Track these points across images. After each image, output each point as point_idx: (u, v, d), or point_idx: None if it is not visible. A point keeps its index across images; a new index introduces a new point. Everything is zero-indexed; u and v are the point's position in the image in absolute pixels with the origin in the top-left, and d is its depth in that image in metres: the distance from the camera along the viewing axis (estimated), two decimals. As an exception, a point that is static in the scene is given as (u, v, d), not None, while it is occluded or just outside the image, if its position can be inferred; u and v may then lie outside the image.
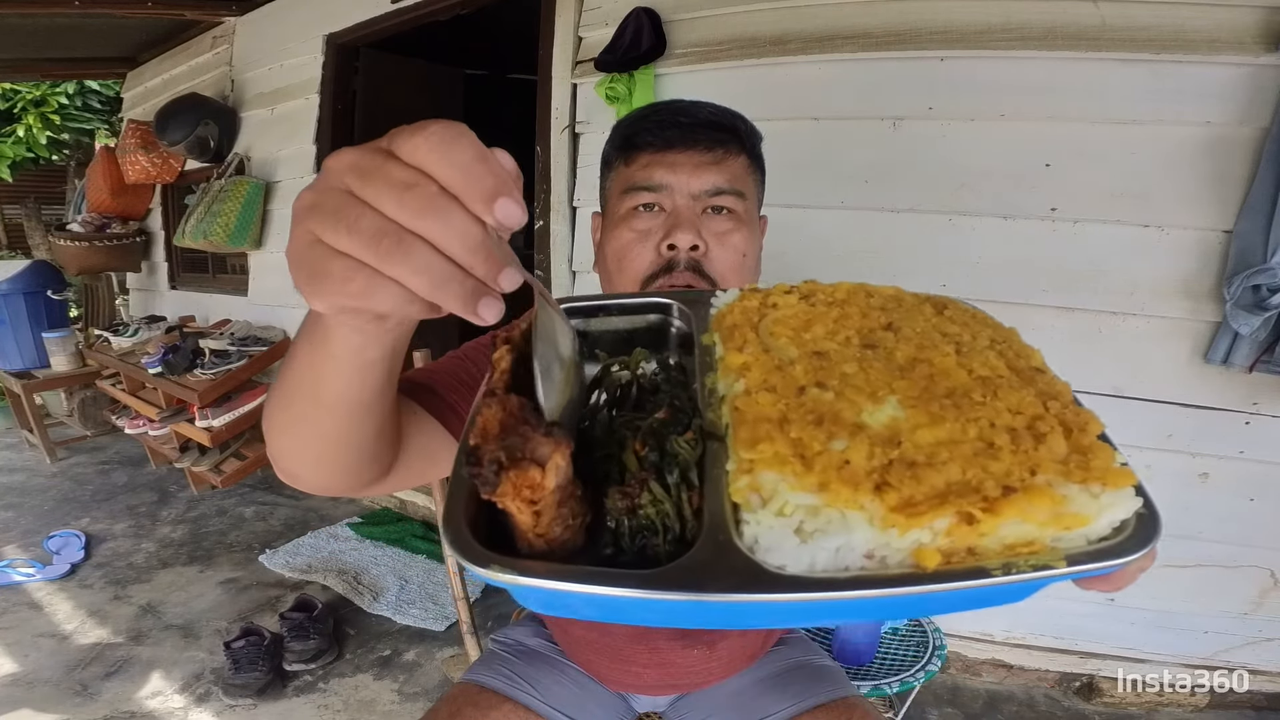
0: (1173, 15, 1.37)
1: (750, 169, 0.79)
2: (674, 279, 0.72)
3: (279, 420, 0.51)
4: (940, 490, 0.28)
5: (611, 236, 0.78)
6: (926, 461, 0.28)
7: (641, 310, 0.41)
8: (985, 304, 1.57)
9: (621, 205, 0.76)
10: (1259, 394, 1.45)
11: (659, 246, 0.73)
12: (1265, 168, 1.32)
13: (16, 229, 7.23)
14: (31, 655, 1.89)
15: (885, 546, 0.28)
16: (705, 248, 0.73)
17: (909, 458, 0.29)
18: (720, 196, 0.75)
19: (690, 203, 0.74)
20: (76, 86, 5.77)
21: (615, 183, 0.79)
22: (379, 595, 2.19)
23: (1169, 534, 1.26)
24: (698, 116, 0.76)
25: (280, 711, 1.70)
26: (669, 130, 0.74)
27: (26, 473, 3.31)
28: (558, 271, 2.13)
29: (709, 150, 0.75)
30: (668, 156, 0.74)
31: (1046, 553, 0.28)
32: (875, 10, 1.59)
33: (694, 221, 0.73)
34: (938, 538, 0.28)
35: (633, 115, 0.80)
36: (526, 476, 0.27)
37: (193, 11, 3.10)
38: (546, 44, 2.08)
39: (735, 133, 0.77)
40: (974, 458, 0.29)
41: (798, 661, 0.95)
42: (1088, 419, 0.34)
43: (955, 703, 1.73)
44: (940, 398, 0.31)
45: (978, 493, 0.28)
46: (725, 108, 0.80)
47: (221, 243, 2.88)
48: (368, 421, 0.48)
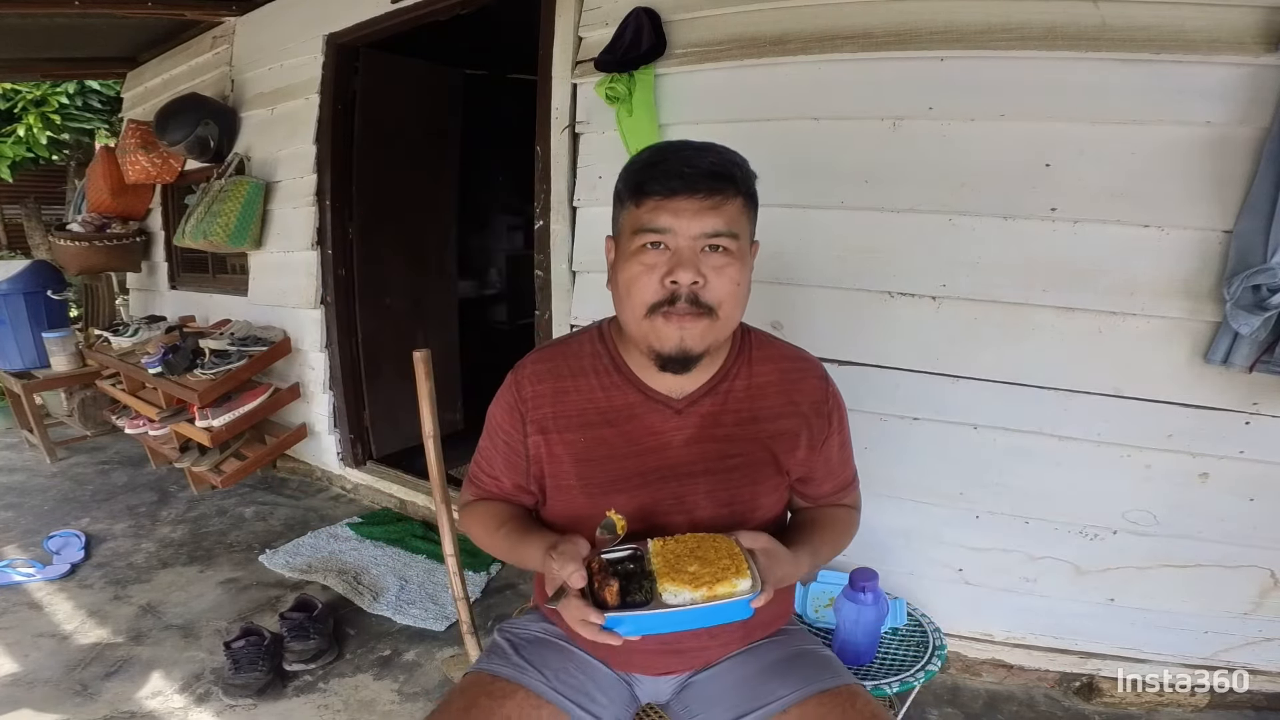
0: (1173, 15, 1.37)
1: (745, 209, 0.89)
2: (677, 309, 0.85)
3: (481, 543, 1.03)
4: (706, 581, 0.76)
5: (623, 267, 0.88)
6: (704, 577, 0.77)
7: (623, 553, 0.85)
8: (985, 304, 1.58)
9: (632, 242, 0.87)
10: (1259, 394, 1.45)
11: (664, 280, 0.85)
12: (1265, 168, 1.31)
13: (16, 229, 7.24)
14: (31, 655, 1.89)
15: (694, 596, 0.76)
16: (704, 281, 0.85)
17: (700, 576, 0.76)
18: (718, 238, 0.85)
19: (691, 243, 0.84)
20: (76, 86, 5.77)
21: (626, 220, 0.89)
22: (379, 595, 2.19)
23: (1170, 534, 1.26)
24: (700, 167, 0.84)
25: (280, 711, 1.70)
26: (674, 180, 0.84)
27: (26, 473, 3.32)
28: (557, 271, 2.13)
29: (709, 197, 0.84)
30: (673, 203, 0.84)
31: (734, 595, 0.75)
32: (875, 10, 1.59)
33: (694, 260, 0.84)
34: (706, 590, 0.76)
35: (643, 159, 0.88)
36: (610, 588, 0.77)
37: (193, 11, 3.10)
38: (546, 44, 2.08)
39: (733, 180, 0.86)
40: (715, 575, 0.76)
41: (799, 650, 0.99)
42: (740, 558, 0.79)
43: (955, 703, 1.73)
44: (707, 561, 0.79)
45: (716, 582, 0.75)
46: (726, 155, 0.88)
47: (221, 243, 2.88)
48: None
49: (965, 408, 1.65)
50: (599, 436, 0.94)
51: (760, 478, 0.95)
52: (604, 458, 0.94)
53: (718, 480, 0.94)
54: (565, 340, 1.03)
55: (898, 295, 1.66)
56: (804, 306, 1.76)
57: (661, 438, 0.94)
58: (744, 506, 0.95)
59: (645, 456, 0.94)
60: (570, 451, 0.94)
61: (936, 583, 1.76)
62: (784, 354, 1.02)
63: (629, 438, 0.94)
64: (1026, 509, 1.65)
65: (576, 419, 0.95)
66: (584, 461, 0.94)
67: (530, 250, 2.24)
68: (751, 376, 0.97)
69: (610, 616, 0.73)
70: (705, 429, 0.94)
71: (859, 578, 1.33)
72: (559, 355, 0.99)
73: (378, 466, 3.02)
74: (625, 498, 0.92)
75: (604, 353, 0.97)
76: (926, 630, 1.50)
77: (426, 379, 1.19)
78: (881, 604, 1.34)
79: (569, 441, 0.94)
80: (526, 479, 0.99)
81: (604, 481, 0.93)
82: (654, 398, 0.95)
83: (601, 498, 0.92)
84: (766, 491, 0.96)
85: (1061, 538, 1.65)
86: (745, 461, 0.95)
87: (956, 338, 1.62)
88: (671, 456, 0.94)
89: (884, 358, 1.70)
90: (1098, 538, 1.62)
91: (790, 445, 0.97)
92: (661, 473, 0.93)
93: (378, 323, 3.03)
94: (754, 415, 0.96)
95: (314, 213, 2.82)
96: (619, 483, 0.93)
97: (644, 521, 0.92)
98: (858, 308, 1.70)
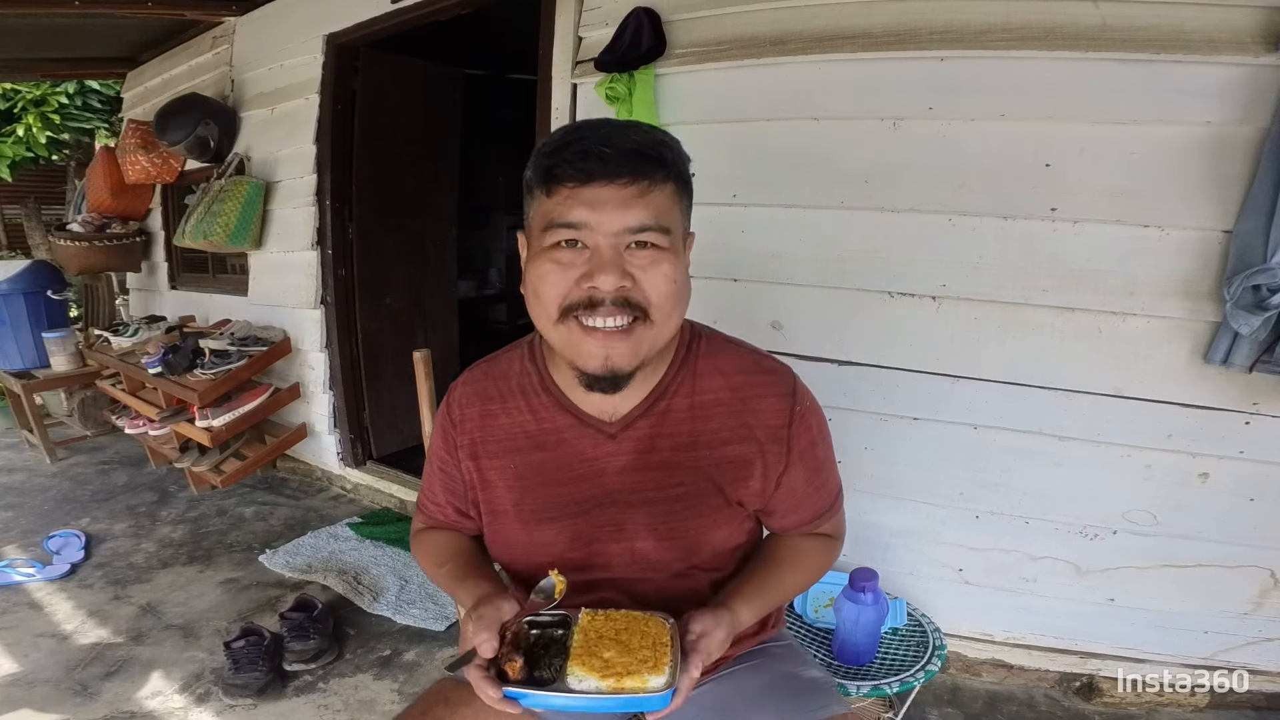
0: (1173, 15, 1.37)
1: (677, 196, 0.76)
2: (600, 315, 0.72)
3: (428, 575, 0.98)
4: (616, 672, 0.70)
5: (532, 266, 0.76)
6: (617, 667, 0.71)
7: (553, 618, 0.79)
8: (985, 304, 1.58)
9: (544, 239, 0.74)
10: (1259, 394, 1.45)
11: (580, 281, 0.72)
12: (1265, 168, 1.31)
13: (16, 229, 7.23)
14: (31, 655, 1.89)
15: (600, 685, 0.69)
16: (633, 282, 0.72)
17: (613, 665, 0.70)
18: (645, 233, 0.72)
19: (613, 241, 0.72)
20: (76, 86, 5.77)
21: (537, 213, 0.77)
22: (379, 595, 2.19)
23: (1170, 534, 1.26)
24: (621, 146, 0.71)
25: (280, 711, 1.70)
26: (590, 162, 0.70)
27: (26, 473, 3.32)
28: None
29: (633, 183, 0.71)
30: (588, 191, 0.71)
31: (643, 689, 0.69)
32: (875, 10, 1.59)
33: (616, 261, 0.72)
34: (613, 681, 0.70)
35: (555, 140, 0.75)
36: (512, 663, 0.71)
37: (193, 11, 3.10)
38: (546, 44, 2.08)
39: (661, 161, 0.73)
40: (628, 667, 0.70)
41: (784, 674, 0.92)
42: (664, 649, 0.72)
43: (955, 703, 1.73)
44: (627, 649, 0.73)
45: (627, 674, 0.69)
46: (653, 132, 0.76)
47: (221, 243, 2.88)
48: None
49: (965, 408, 1.65)
50: (529, 462, 0.86)
51: (705, 509, 0.84)
52: (536, 485, 0.86)
53: (657, 512, 0.84)
54: (495, 358, 0.93)
55: (898, 295, 1.66)
56: (804, 307, 1.76)
57: (595, 464, 0.84)
58: (690, 540, 0.85)
59: (579, 484, 0.85)
60: (501, 477, 0.87)
61: (936, 583, 1.76)
62: (739, 365, 0.86)
63: (561, 464, 0.85)
64: (1026, 509, 1.65)
65: (506, 443, 0.87)
66: (516, 488, 0.86)
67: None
68: (695, 394, 0.84)
69: (508, 690, 0.69)
70: (640, 455, 0.84)
71: (859, 578, 1.33)
72: (488, 375, 0.90)
73: (378, 466, 3.02)
74: (559, 526, 0.85)
75: (532, 371, 0.87)
76: (926, 630, 1.50)
77: (426, 379, 1.19)
78: (881, 604, 1.35)
79: (499, 467, 0.87)
80: (465, 504, 0.93)
81: (537, 509, 0.86)
82: (586, 421, 0.84)
83: (536, 526, 0.86)
84: (716, 525, 0.85)
85: (1061, 538, 1.65)
86: (687, 492, 0.84)
87: (956, 338, 1.62)
88: (607, 484, 0.84)
89: (884, 358, 1.70)
90: (1098, 538, 1.62)
91: (739, 475, 0.84)
92: (597, 500, 0.84)
93: (378, 323, 3.03)
94: (694, 440, 0.83)
95: (314, 213, 2.82)
96: (552, 510, 0.85)
97: (583, 550, 0.86)
98: (858, 308, 1.70)
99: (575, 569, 0.83)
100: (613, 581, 0.87)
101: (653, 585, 0.87)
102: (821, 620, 1.52)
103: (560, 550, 0.86)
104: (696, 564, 0.87)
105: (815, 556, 0.93)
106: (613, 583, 0.87)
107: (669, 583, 0.87)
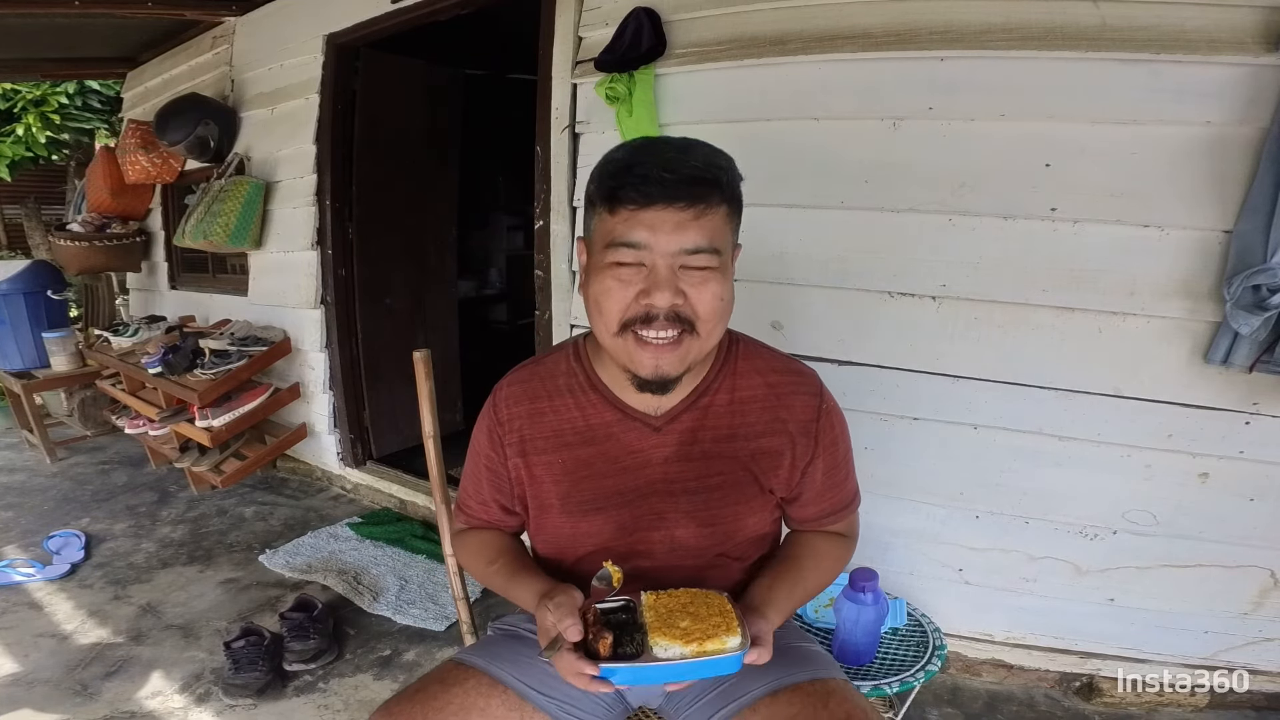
0: (1173, 15, 1.37)
1: (729, 216, 0.82)
2: (654, 328, 0.80)
3: (475, 577, 1.05)
4: (697, 637, 0.76)
5: (594, 279, 0.83)
6: (695, 633, 0.77)
7: (617, 604, 0.84)
8: (985, 304, 1.58)
9: (605, 256, 0.81)
10: (1259, 394, 1.45)
11: (638, 297, 0.80)
12: (1265, 168, 1.31)
13: (16, 229, 7.24)
14: (31, 655, 1.89)
15: (685, 651, 0.75)
16: (684, 299, 0.80)
17: (691, 632, 0.76)
18: (698, 254, 0.79)
19: (669, 260, 0.78)
20: (76, 86, 5.77)
21: (599, 229, 0.83)
22: (379, 595, 2.19)
23: (1170, 534, 1.26)
24: (680, 172, 0.77)
25: (280, 711, 1.70)
26: (651, 185, 0.76)
27: (26, 473, 3.32)
28: (558, 271, 2.14)
29: (689, 206, 0.77)
30: (648, 214, 0.77)
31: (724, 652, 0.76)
32: (875, 10, 1.58)
33: (671, 279, 0.79)
34: (696, 645, 0.76)
35: (619, 160, 0.80)
36: (604, 640, 0.77)
37: (193, 11, 3.10)
38: (546, 44, 2.08)
39: (717, 185, 0.79)
40: (706, 631, 0.76)
41: (782, 645, 0.94)
42: (731, 614, 0.79)
43: (955, 703, 1.74)
44: (699, 618, 0.79)
45: (707, 638, 0.75)
46: (711, 157, 0.81)
47: (221, 243, 2.88)
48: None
49: (965, 408, 1.65)
50: (577, 457, 0.92)
51: (742, 498, 0.92)
52: (583, 478, 0.92)
53: (698, 500, 0.91)
54: (541, 359, 1.00)
55: (898, 295, 1.66)
56: (804, 306, 1.76)
57: (640, 456, 0.91)
58: (727, 526, 0.92)
59: (625, 475, 0.91)
60: (549, 473, 0.93)
61: (936, 582, 1.76)
62: (773, 366, 0.95)
63: (608, 457, 0.91)
64: (1026, 509, 1.65)
65: (554, 440, 0.93)
66: (563, 482, 0.92)
67: (530, 250, 2.24)
68: (735, 390, 0.92)
69: (605, 667, 0.74)
70: (684, 446, 0.91)
71: (859, 578, 1.33)
72: (534, 376, 0.96)
73: (378, 466, 3.02)
74: (605, 517, 0.91)
75: (579, 370, 0.94)
76: (926, 630, 1.50)
77: (426, 379, 1.19)
78: (881, 604, 1.34)
79: (547, 463, 0.93)
80: (512, 501, 0.99)
81: (584, 501, 0.92)
82: (632, 415, 0.92)
83: (582, 518, 0.92)
84: (750, 511, 0.93)
85: (1061, 538, 1.65)
86: (725, 481, 0.91)
87: (956, 338, 1.62)
88: (651, 475, 0.91)
89: (884, 358, 1.70)
90: (1098, 538, 1.62)
91: (772, 465, 0.92)
92: (641, 491, 0.91)
93: (378, 323, 3.03)
94: (733, 432, 0.91)
95: (314, 213, 2.82)
96: (599, 501, 0.91)
97: (628, 539, 0.91)
98: (858, 308, 1.70)
99: (619, 558, 0.89)
100: (654, 570, 0.93)
101: (688, 572, 0.93)
102: (821, 620, 1.51)
103: (606, 539, 0.92)
104: (728, 551, 0.95)
105: (831, 559, 1.00)
106: (653, 570, 0.93)
107: (703, 569, 0.94)
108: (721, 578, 0.94)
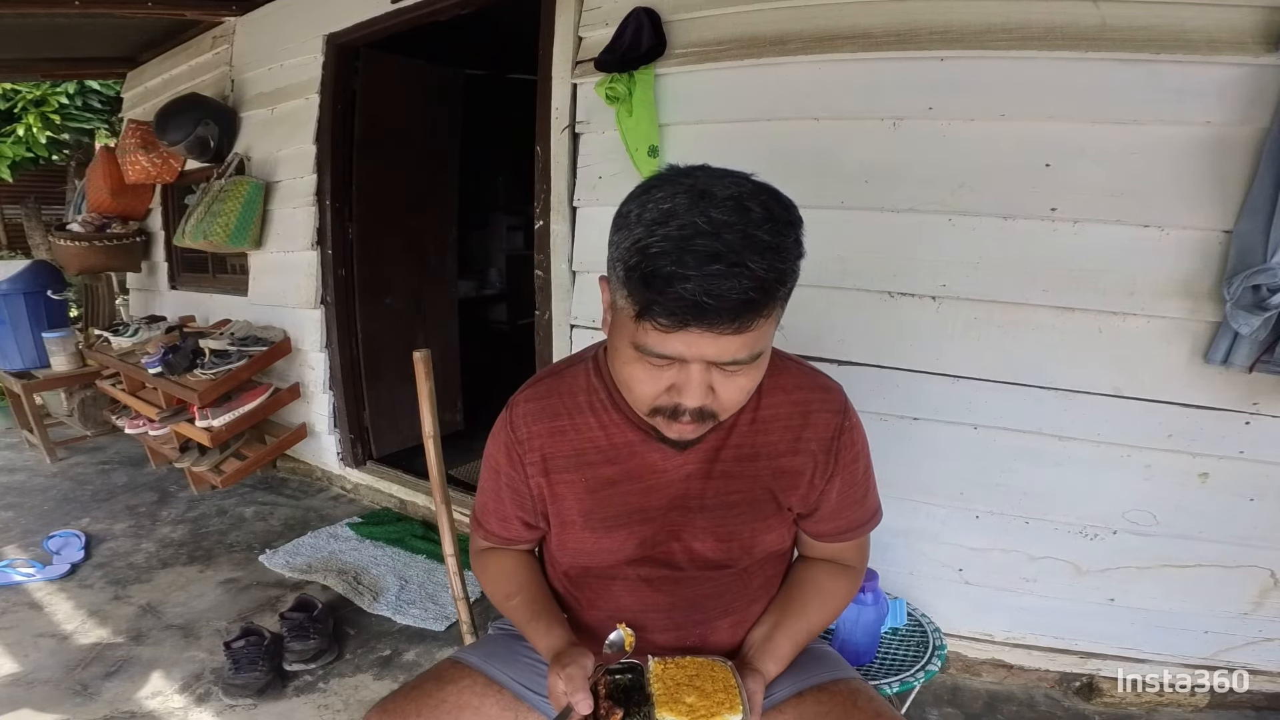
0: (1173, 15, 1.37)
1: (779, 311, 0.72)
2: (681, 423, 0.77)
3: (492, 601, 1.02)
4: (702, 715, 0.76)
5: (621, 357, 0.77)
6: (700, 711, 0.77)
7: (623, 666, 0.86)
8: (985, 304, 1.58)
9: (630, 350, 0.74)
10: (1259, 394, 1.45)
11: (669, 392, 0.75)
12: (1265, 168, 1.31)
13: (16, 229, 7.24)
14: (31, 655, 1.89)
15: None
16: (713, 396, 0.75)
17: (696, 709, 0.77)
18: (735, 365, 0.72)
19: (703, 365, 0.72)
20: (76, 86, 5.77)
21: (623, 318, 0.73)
22: (379, 595, 2.19)
23: (1170, 534, 1.26)
24: (729, 299, 0.64)
25: (280, 711, 1.70)
26: (689, 313, 0.65)
27: (26, 473, 3.32)
28: (558, 271, 2.13)
29: (735, 331, 0.67)
30: (683, 335, 0.67)
31: None
32: (875, 10, 1.59)
33: (704, 384, 0.73)
34: None
35: (653, 255, 0.65)
36: (615, 716, 0.79)
37: (193, 11, 3.10)
38: (546, 44, 2.08)
39: (772, 298, 0.68)
40: (710, 710, 0.77)
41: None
42: (734, 691, 0.79)
43: (955, 703, 1.73)
44: (704, 694, 0.80)
45: (711, 717, 0.76)
46: (775, 256, 0.66)
47: (221, 243, 2.88)
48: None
49: (965, 408, 1.65)
50: (601, 475, 0.91)
51: (759, 515, 0.92)
52: (607, 496, 0.91)
53: (717, 517, 0.91)
54: (558, 374, 0.96)
55: (898, 295, 1.66)
56: (804, 306, 1.75)
57: (663, 475, 0.90)
58: (744, 543, 0.92)
59: (647, 494, 0.91)
60: (572, 490, 0.92)
61: (936, 582, 1.76)
62: (799, 383, 0.92)
63: (631, 475, 0.90)
64: (1026, 509, 1.65)
65: (576, 459, 0.91)
66: (586, 500, 0.92)
67: (530, 250, 2.24)
68: (759, 409, 0.90)
69: None
70: (705, 464, 0.90)
71: (859, 578, 1.33)
72: (553, 392, 0.93)
73: (378, 466, 3.02)
74: (628, 532, 0.91)
75: (600, 388, 0.91)
76: (926, 630, 1.50)
77: (426, 379, 1.19)
78: (881, 604, 1.35)
79: (570, 481, 0.92)
80: (536, 517, 0.98)
81: (606, 518, 0.91)
82: (654, 435, 0.90)
83: (605, 534, 0.92)
84: (768, 529, 0.93)
85: (1061, 538, 1.65)
86: (745, 499, 0.91)
87: (956, 338, 1.62)
88: (673, 492, 0.91)
89: (884, 358, 1.70)
90: (1098, 538, 1.62)
91: (792, 483, 0.91)
92: (663, 507, 0.91)
93: (378, 323, 3.03)
94: (755, 451, 0.90)
95: (314, 213, 2.82)
96: (622, 518, 0.91)
97: (642, 553, 0.92)
98: (858, 308, 1.70)
99: (640, 566, 0.91)
100: (673, 578, 0.93)
101: (708, 585, 0.93)
102: (821, 620, 1.51)
103: (627, 554, 0.92)
104: (747, 566, 0.94)
105: (837, 597, 0.99)
106: (672, 579, 0.93)
107: (721, 581, 0.94)
108: (739, 587, 0.95)
